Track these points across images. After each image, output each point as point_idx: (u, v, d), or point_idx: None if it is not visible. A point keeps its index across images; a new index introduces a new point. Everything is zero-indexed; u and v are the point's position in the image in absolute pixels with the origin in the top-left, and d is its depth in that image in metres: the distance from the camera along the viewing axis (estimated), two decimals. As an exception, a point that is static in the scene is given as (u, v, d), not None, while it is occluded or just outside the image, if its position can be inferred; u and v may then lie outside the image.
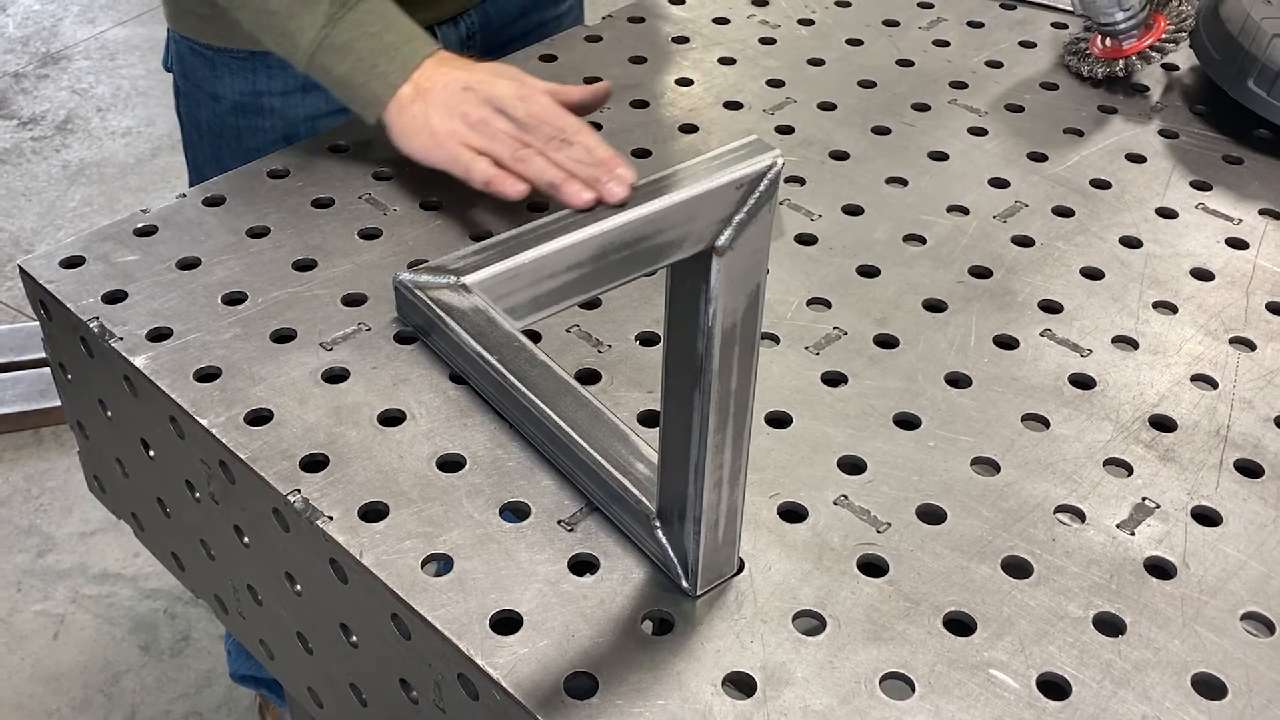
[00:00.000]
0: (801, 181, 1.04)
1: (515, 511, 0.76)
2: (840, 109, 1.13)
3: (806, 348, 0.88)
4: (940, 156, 1.08)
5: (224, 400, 0.82)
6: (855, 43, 1.23)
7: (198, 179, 1.17)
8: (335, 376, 0.84)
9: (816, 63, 1.20)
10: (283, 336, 0.87)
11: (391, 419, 0.81)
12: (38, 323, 0.96)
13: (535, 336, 0.88)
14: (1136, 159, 1.09)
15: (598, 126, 1.09)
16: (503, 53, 1.22)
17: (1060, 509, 0.77)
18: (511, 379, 0.79)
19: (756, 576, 0.72)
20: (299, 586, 0.81)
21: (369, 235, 0.96)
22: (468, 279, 0.85)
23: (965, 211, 1.02)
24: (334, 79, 0.98)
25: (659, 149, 1.07)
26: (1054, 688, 0.68)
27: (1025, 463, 0.80)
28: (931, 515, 0.77)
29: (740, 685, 0.67)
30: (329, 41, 0.97)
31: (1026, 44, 1.24)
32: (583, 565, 0.73)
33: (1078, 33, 1.24)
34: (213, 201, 0.99)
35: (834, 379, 0.86)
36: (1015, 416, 0.84)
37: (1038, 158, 1.09)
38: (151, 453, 0.90)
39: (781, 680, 0.67)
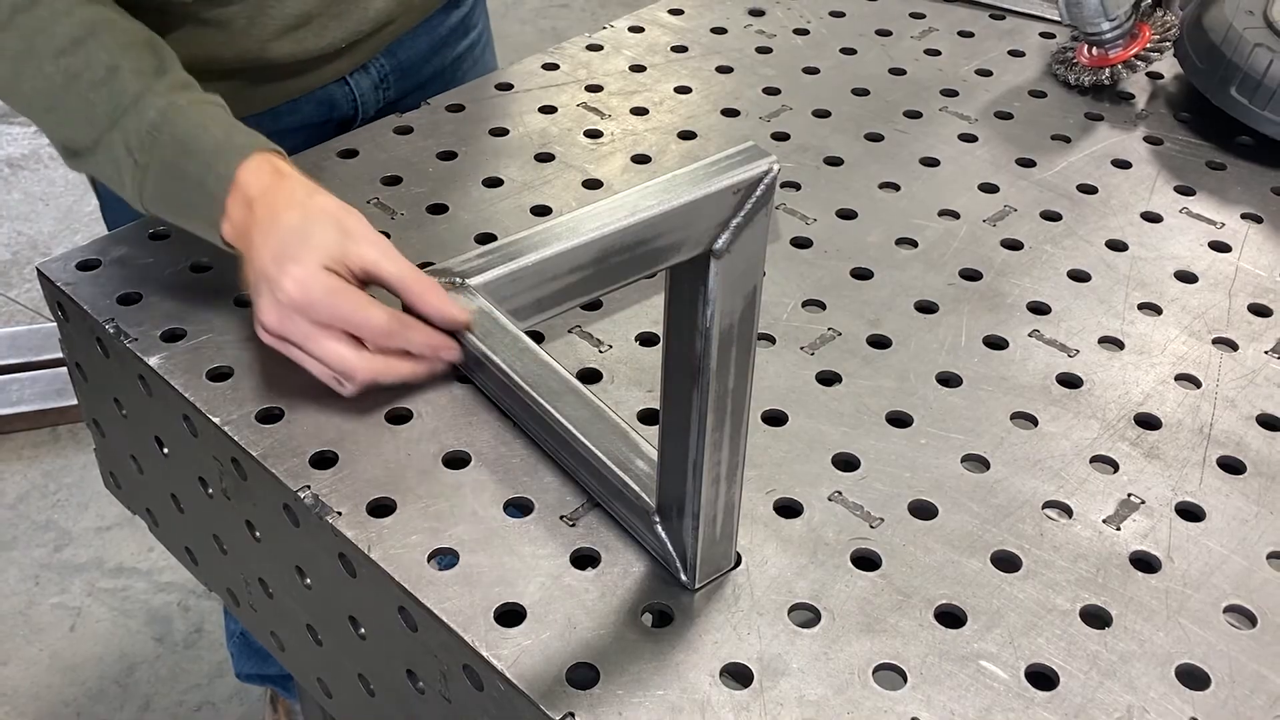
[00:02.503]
0: (797, 186, 1.04)
1: (519, 507, 0.76)
2: (834, 116, 1.13)
3: (802, 348, 0.88)
4: (931, 162, 1.08)
5: (236, 399, 0.82)
6: (849, 52, 1.23)
7: (115, 226, 1.09)
8: (344, 376, 0.84)
9: (811, 71, 1.20)
10: (293, 337, 0.87)
11: (399, 417, 0.81)
12: (55, 324, 0.96)
13: (538, 337, 0.88)
14: (1122, 165, 1.09)
15: (598, 134, 1.09)
16: (420, 93, 1.19)
17: (1048, 505, 0.77)
18: (515, 378, 0.79)
19: (753, 570, 0.72)
20: (309, 580, 0.80)
21: (377, 239, 0.96)
22: (473, 281, 0.85)
23: (956, 216, 1.02)
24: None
25: (658, 155, 1.07)
26: (1042, 678, 0.68)
27: (1014, 460, 0.80)
28: (923, 511, 0.77)
29: (737, 676, 0.67)
30: (146, 196, 0.85)
31: (1015, 53, 1.24)
32: (584, 559, 0.73)
33: (1065, 42, 1.23)
34: (225, 206, 0.99)
35: (828, 378, 0.86)
36: (1004, 415, 0.84)
37: (1026, 163, 1.09)
38: (165, 450, 0.90)
39: (777, 671, 0.67)
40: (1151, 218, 1.03)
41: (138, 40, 0.88)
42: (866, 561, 0.73)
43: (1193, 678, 0.68)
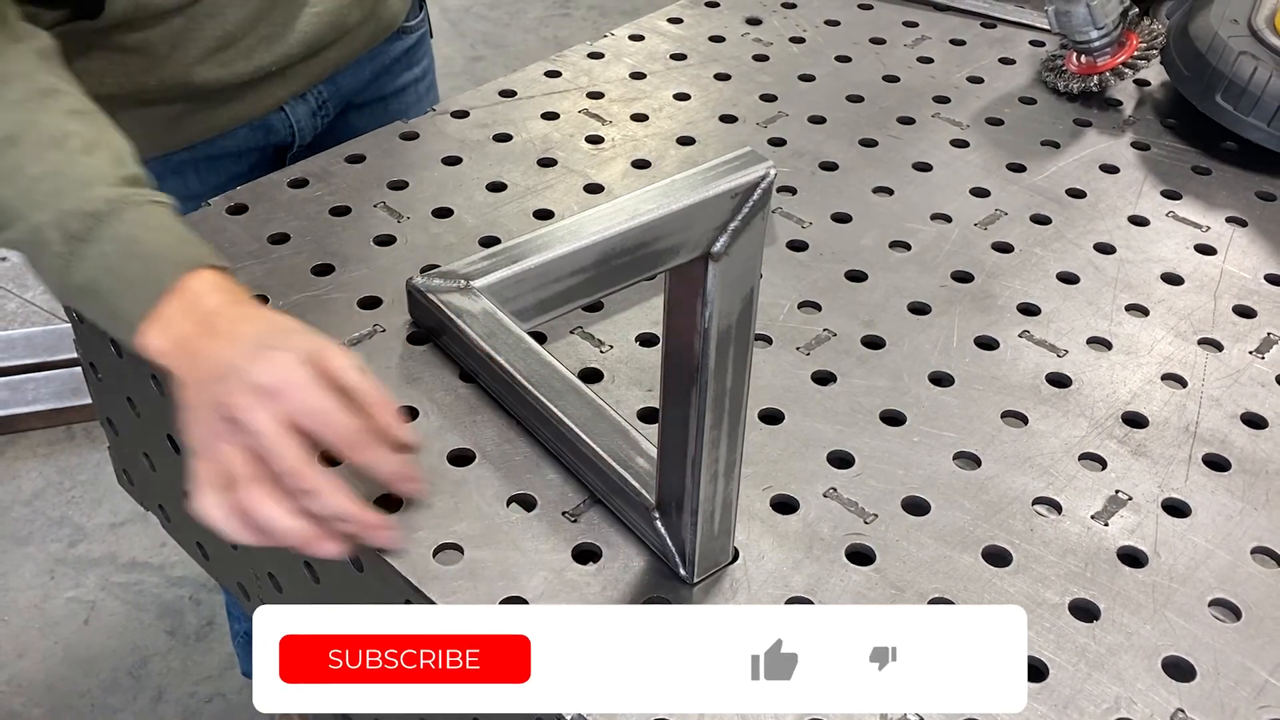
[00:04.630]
0: (793, 191, 1.04)
1: (522, 503, 0.76)
2: (830, 122, 1.13)
3: (798, 348, 0.88)
4: (924, 167, 1.08)
5: (246, 398, 0.82)
6: (844, 60, 1.23)
7: None
8: (351, 375, 0.84)
9: (807, 78, 1.20)
10: (302, 338, 0.87)
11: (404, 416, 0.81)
12: (70, 325, 0.96)
13: (541, 338, 0.88)
14: (1110, 169, 1.09)
15: (599, 140, 1.09)
16: (357, 114, 1.18)
17: (1038, 501, 0.77)
18: (518, 378, 0.79)
19: (750, 565, 0.72)
20: (317, 574, 0.80)
21: (384, 241, 0.96)
22: (477, 283, 0.85)
23: (948, 219, 1.02)
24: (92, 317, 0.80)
25: (658, 160, 1.07)
26: (1032, 670, 0.68)
27: (1005, 457, 0.80)
28: (916, 507, 0.77)
29: (735, 668, 0.67)
30: (70, 282, 0.77)
31: (1006, 61, 1.24)
32: (586, 554, 0.73)
33: (1054, 50, 1.24)
34: (236, 210, 0.99)
35: (824, 378, 0.86)
36: (995, 413, 0.84)
37: (1016, 168, 1.09)
38: (177, 448, 0.89)
39: (774, 663, 0.67)
40: (1138, 221, 1.03)
41: (89, 110, 0.81)
42: (861, 556, 0.73)
43: (1179, 669, 0.68)
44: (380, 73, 1.21)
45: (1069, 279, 0.96)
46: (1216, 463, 0.81)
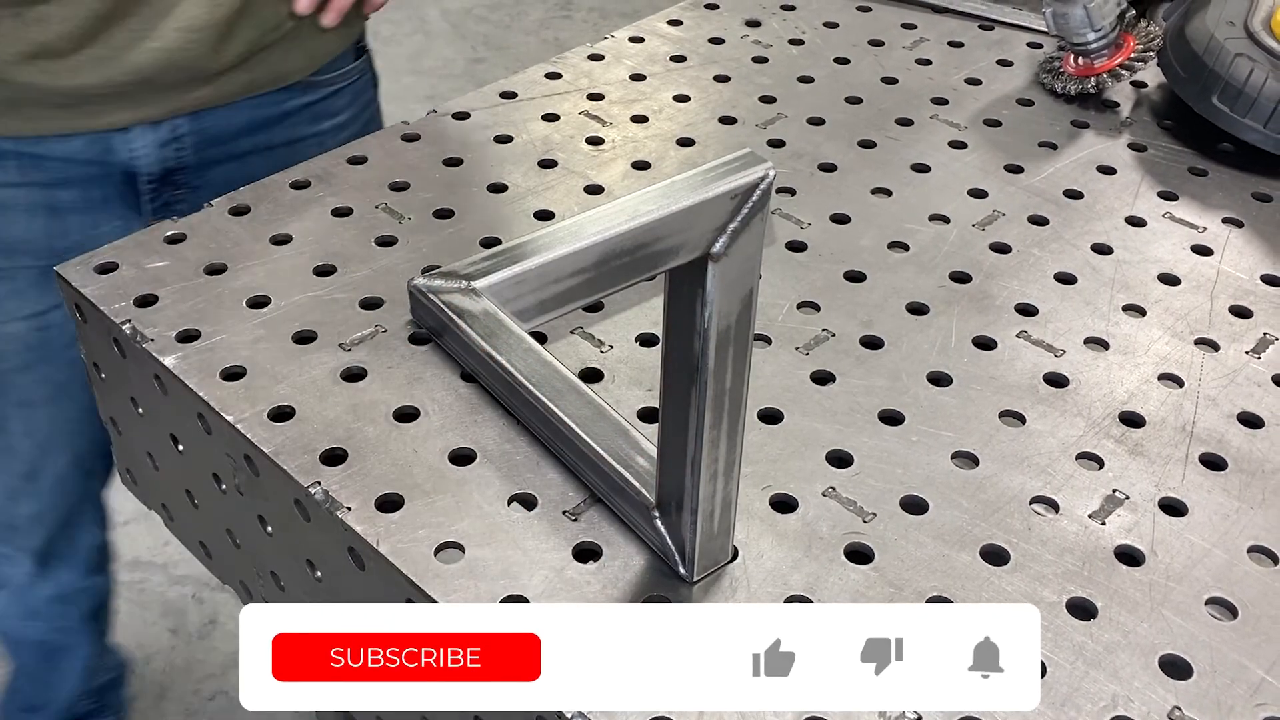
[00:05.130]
0: (792, 192, 1.04)
1: (523, 502, 0.76)
2: (828, 124, 1.13)
3: (797, 348, 0.88)
4: (922, 168, 1.08)
5: (249, 398, 0.82)
6: (842, 61, 1.23)
7: None
8: (353, 375, 0.84)
9: (806, 80, 1.20)
10: (304, 338, 0.87)
11: (406, 415, 0.81)
12: (74, 325, 0.96)
13: (541, 338, 0.88)
14: (1107, 170, 1.09)
15: (599, 141, 1.09)
16: (237, 164, 1.16)
17: (1035, 500, 0.77)
18: (519, 378, 0.79)
19: (750, 564, 0.72)
20: (319, 573, 0.81)
21: (385, 242, 0.96)
22: (478, 284, 0.85)
23: (946, 220, 1.02)
24: None
25: (658, 161, 1.07)
26: (1030, 668, 0.68)
27: (1003, 457, 0.80)
28: (914, 506, 0.77)
29: (734, 666, 0.67)
30: None
31: (1004, 62, 1.24)
32: (586, 553, 0.73)
33: (1052, 52, 1.23)
34: (238, 211, 0.99)
35: (823, 378, 0.86)
36: (993, 413, 0.84)
37: (1014, 169, 1.09)
38: (180, 447, 0.90)
39: (773, 661, 0.67)
40: (1135, 222, 1.03)
41: None
42: (859, 555, 0.74)
43: (1175, 668, 0.68)
44: (268, 122, 1.19)
45: (1066, 279, 0.96)
46: (1213, 462, 0.81)
